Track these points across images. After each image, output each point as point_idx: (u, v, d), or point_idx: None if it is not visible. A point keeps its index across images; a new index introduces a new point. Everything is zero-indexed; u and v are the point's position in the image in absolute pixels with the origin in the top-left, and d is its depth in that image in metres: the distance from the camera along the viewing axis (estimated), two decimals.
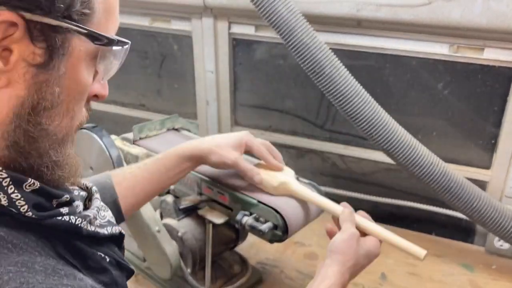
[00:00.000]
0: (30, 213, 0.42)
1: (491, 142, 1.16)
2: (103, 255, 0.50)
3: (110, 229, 0.52)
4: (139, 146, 1.04)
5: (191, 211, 0.97)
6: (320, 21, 1.14)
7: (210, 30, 1.34)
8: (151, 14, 1.41)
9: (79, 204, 0.50)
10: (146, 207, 0.94)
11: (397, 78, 1.21)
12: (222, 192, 0.91)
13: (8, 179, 0.42)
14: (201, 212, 0.94)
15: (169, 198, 1.01)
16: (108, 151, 0.96)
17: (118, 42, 0.46)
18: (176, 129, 1.14)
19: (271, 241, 0.86)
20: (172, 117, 1.13)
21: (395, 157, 1.00)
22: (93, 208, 0.52)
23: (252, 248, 1.17)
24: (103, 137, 0.97)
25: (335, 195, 1.23)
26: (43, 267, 0.40)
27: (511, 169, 1.12)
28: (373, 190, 1.31)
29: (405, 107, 1.23)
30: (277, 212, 0.83)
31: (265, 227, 0.83)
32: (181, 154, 0.83)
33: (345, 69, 0.99)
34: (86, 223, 0.48)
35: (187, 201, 0.94)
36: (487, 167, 1.18)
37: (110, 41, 0.45)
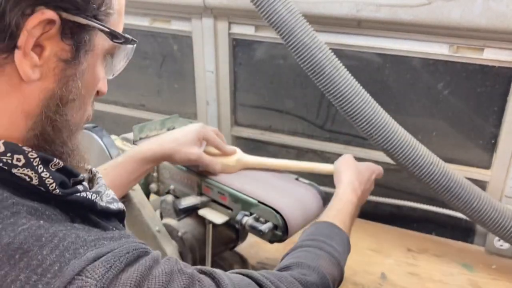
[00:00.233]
0: (57, 190, 0.45)
1: (491, 142, 1.16)
2: (114, 229, 0.52)
3: (117, 205, 0.55)
4: None
5: (191, 211, 0.97)
6: (320, 21, 1.14)
7: (210, 30, 1.34)
8: (151, 14, 1.41)
9: (86, 184, 0.53)
10: (146, 207, 0.94)
11: (397, 78, 1.21)
12: (222, 192, 0.91)
13: (38, 159, 0.45)
14: (201, 212, 0.94)
15: (169, 198, 1.01)
16: (108, 151, 0.96)
17: (131, 41, 0.50)
18: None
19: (271, 241, 0.86)
20: (172, 117, 1.13)
21: (395, 157, 1.00)
22: (101, 186, 0.55)
23: (252, 248, 1.17)
24: (103, 137, 0.97)
25: None
26: (81, 228, 0.44)
27: (511, 169, 1.12)
28: (373, 190, 1.30)
29: (405, 107, 1.23)
30: (277, 212, 0.84)
31: (265, 227, 0.83)
32: (143, 158, 0.85)
33: (345, 69, 0.99)
34: (99, 199, 0.51)
35: (187, 201, 0.95)
36: (487, 167, 1.18)
37: (126, 40, 0.49)
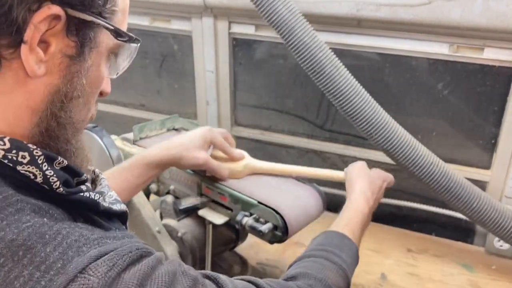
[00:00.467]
0: (61, 189, 0.45)
1: (491, 142, 1.16)
2: (116, 230, 0.52)
3: (119, 206, 0.55)
4: (139, 146, 1.04)
5: (191, 212, 0.97)
6: (320, 21, 1.14)
7: (210, 30, 1.33)
8: (151, 14, 1.41)
9: (89, 185, 0.53)
10: (146, 207, 0.94)
11: (397, 78, 1.21)
12: (222, 193, 0.91)
13: (42, 157, 0.44)
14: (201, 213, 0.94)
15: (169, 199, 1.01)
16: (108, 151, 0.96)
17: (135, 40, 0.50)
18: (176, 129, 1.15)
19: (271, 242, 0.86)
20: (172, 117, 1.13)
21: (395, 157, 0.99)
22: (104, 186, 0.55)
23: (252, 249, 1.17)
24: (103, 137, 0.97)
25: (335, 195, 1.23)
26: (84, 227, 0.44)
27: (511, 169, 1.12)
28: None
29: (405, 107, 1.23)
30: (277, 213, 0.84)
31: (265, 228, 0.83)
32: (150, 162, 0.84)
33: (345, 69, 0.99)
34: (102, 200, 0.51)
35: (187, 202, 0.94)
36: (487, 167, 1.18)
37: (130, 38, 0.49)
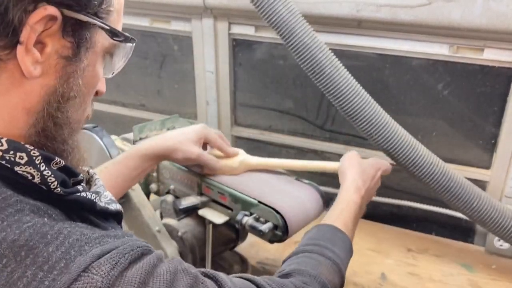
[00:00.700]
0: (59, 189, 0.45)
1: (491, 142, 1.16)
2: (113, 230, 0.52)
3: (115, 206, 0.55)
4: None
5: (191, 211, 0.97)
6: (320, 22, 1.14)
7: (210, 31, 1.34)
8: (151, 15, 1.41)
9: (85, 184, 0.53)
10: (146, 207, 0.94)
11: (397, 79, 1.21)
12: (222, 192, 0.91)
13: (40, 157, 0.44)
14: (201, 212, 0.94)
15: (169, 198, 1.01)
16: (108, 151, 0.96)
17: (131, 39, 0.50)
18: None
19: (271, 241, 0.86)
20: (172, 117, 1.13)
21: (395, 157, 1.00)
22: (99, 187, 0.55)
23: (252, 248, 1.17)
24: (103, 137, 0.97)
25: (335, 196, 1.22)
26: (84, 226, 0.44)
27: (511, 169, 1.12)
28: None
29: (405, 107, 1.23)
30: (277, 212, 0.84)
31: (265, 227, 0.83)
32: (144, 154, 0.86)
33: (345, 69, 0.99)
34: (98, 199, 0.51)
35: (187, 201, 0.94)
36: (487, 167, 1.18)
37: (126, 38, 0.49)
